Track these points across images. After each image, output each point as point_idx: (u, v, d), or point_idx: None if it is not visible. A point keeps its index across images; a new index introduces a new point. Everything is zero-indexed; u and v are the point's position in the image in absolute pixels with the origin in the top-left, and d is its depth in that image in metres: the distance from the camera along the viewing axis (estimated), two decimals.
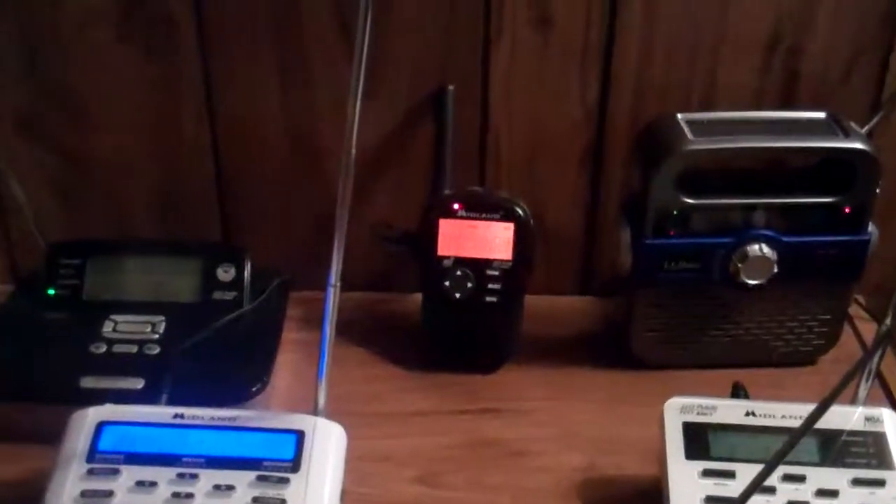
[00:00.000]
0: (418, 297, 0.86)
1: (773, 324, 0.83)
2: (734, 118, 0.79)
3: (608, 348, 0.86)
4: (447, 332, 0.84)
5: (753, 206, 0.78)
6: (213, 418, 0.69)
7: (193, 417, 0.69)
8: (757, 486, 0.56)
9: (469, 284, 0.82)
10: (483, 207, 0.81)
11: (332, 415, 0.77)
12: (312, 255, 0.92)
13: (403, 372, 0.85)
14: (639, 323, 0.83)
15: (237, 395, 0.76)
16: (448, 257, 0.82)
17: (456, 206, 0.82)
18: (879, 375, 0.81)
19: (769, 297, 0.81)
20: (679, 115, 0.78)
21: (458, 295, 0.82)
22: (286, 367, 0.82)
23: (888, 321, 0.67)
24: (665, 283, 0.80)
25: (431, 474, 0.75)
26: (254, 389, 0.76)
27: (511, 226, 0.81)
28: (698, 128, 0.77)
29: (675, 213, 0.77)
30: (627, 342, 0.84)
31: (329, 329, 0.68)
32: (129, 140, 0.88)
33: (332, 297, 0.67)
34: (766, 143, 0.77)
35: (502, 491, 0.74)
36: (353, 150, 0.65)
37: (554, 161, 0.89)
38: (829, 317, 0.83)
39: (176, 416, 0.69)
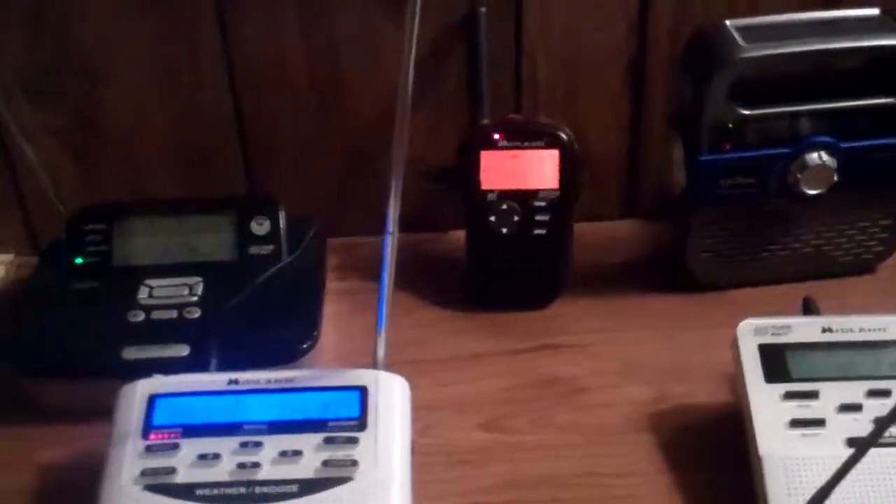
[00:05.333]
0: (460, 234, 0.83)
1: (832, 233, 0.80)
2: (783, 21, 0.75)
3: (661, 273, 0.83)
4: (495, 270, 0.81)
5: (809, 113, 0.74)
6: (269, 381, 0.66)
7: (249, 382, 0.66)
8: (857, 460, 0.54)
9: (515, 218, 0.78)
10: (525, 135, 0.77)
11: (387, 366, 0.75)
12: (343, 199, 0.89)
13: (454, 314, 0.81)
14: (696, 243, 0.79)
15: (288, 353, 0.72)
16: (492, 191, 0.78)
17: (496, 135, 0.78)
18: None
19: (829, 206, 0.77)
20: (728, 22, 0.74)
21: (504, 230, 0.78)
22: (332, 319, 0.78)
23: None
24: (722, 200, 0.76)
25: (495, 419, 0.71)
26: (304, 346, 0.73)
27: (556, 153, 0.77)
28: (749, 33, 0.73)
29: (730, 125, 0.74)
30: (684, 264, 0.80)
31: (388, 279, 0.64)
32: (142, 91, 0.83)
33: (391, 245, 0.63)
34: (822, 44, 0.72)
35: (571, 431, 0.71)
36: (410, 86, 0.59)
37: (594, 81, 0.85)
38: (889, 222, 0.80)
39: (230, 381, 0.66)
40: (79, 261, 0.79)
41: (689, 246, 0.79)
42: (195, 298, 0.76)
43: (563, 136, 0.77)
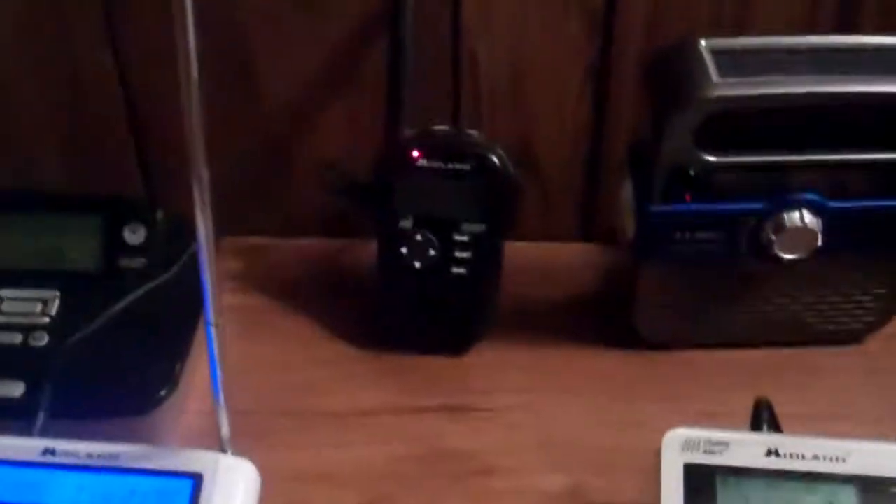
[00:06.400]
0: None
1: (811, 299, 0.66)
2: (776, 46, 0.59)
3: (608, 317, 0.70)
4: (405, 308, 0.68)
5: (793, 165, 0.60)
6: (90, 455, 0.55)
7: (66, 455, 0.55)
8: None
9: (432, 252, 0.65)
10: (450, 155, 0.64)
11: (258, 415, 0.64)
12: (253, 193, 0.77)
13: (354, 353, 0.69)
14: (643, 298, 0.66)
15: (139, 403, 0.61)
16: (406, 217, 0.66)
17: (415, 153, 0.65)
18: None
19: (810, 271, 0.63)
20: (703, 42, 0.59)
21: (418, 264, 0.66)
22: None
23: None
24: (677, 256, 0.63)
25: (378, 500, 0.60)
26: (161, 394, 0.61)
27: (484, 180, 0.64)
28: (727, 60, 0.58)
29: (691, 173, 0.60)
30: (630, 318, 0.68)
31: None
32: (18, 73, 0.71)
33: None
34: (820, 86, 0.57)
35: None
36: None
37: (548, 82, 0.70)
38: (883, 291, 0.66)
39: (46, 451, 0.55)
40: None
41: (636, 300, 0.66)
42: (46, 320, 0.64)
43: (496, 160, 0.63)
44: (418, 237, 0.65)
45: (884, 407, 0.65)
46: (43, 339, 0.63)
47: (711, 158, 0.59)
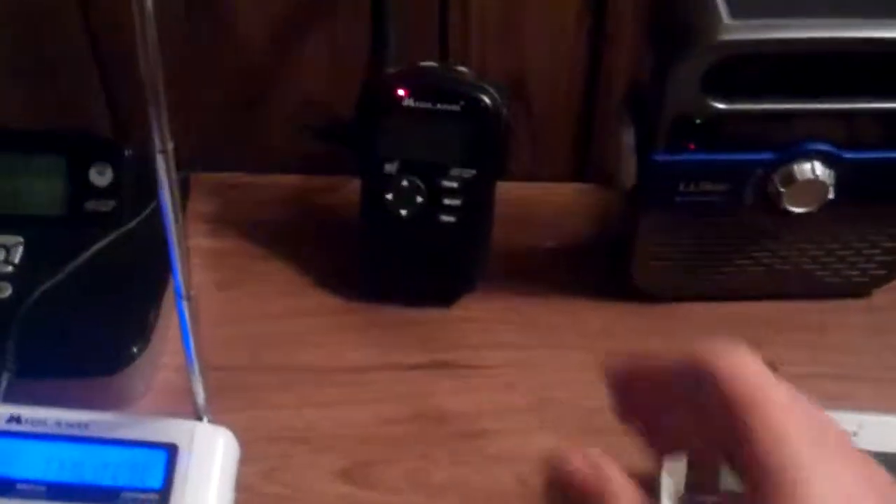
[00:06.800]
0: None
1: (819, 252, 0.63)
2: None
3: (605, 267, 0.67)
4: (390, 258, 0.64)
5: (807, 113, 0.56)
6: (59, 424, 0.52)
7: (34, 423, 0.52)
8: None
9: (419, 199, 0.62)
10: (438, 95, 0.60)
11: (234, 371, 0.61)
12: (227, 128, 0.72)
13: (339, 304, 0.65)
14: (642, 250, 0.63)
15: (109, 362, 0.57)
16: (391, 161, 0.61)
17: (401, 92, 0.60)
18: None
19: (819, 223, 0.60)
20: None
21: (403, 212, 0.62)
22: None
23: None
24: (680, 207, 0.59)
25: (361, 465, 0.57)
26: (133, 351, 0.58)
27: (475, 122, 0.60)
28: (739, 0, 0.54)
29: (697, 121, 0.56)
30: (627, 269, 0.64)
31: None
32: None
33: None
34: (840, 30, 0.53)
35: (450, 493, 0.56)
36: None
37: (542, 21, 0.66)
38: (892, 244, 0.63)
39: (11, 419, 0.52)
40: None
41: (635, 251, 0.63)
42: (10, 269, 0.60)
43: (487, 100, 0.59)
44: (404, 183, 0.61)
45: (890, 364, 0.63)
46: (6, 290, 0.59)
47: (720, 106, 0.55)
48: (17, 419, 0.52)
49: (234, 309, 0.65)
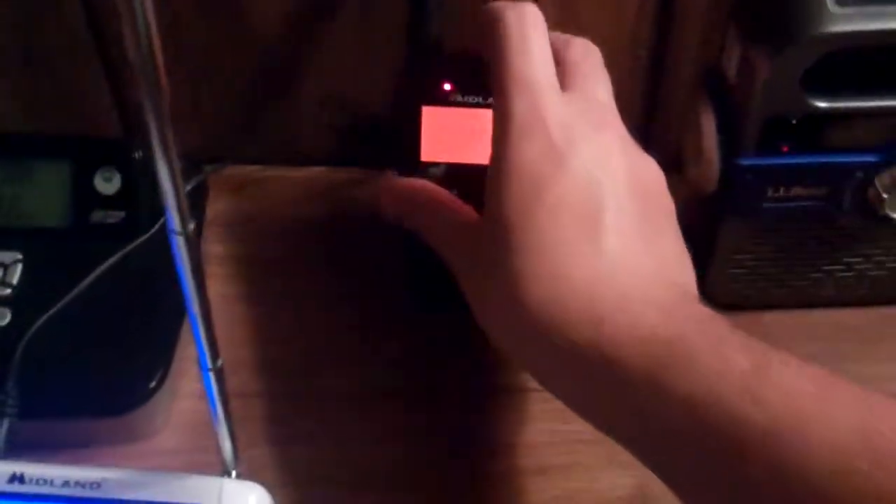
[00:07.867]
0: None
1: None
2: None
3: None
4: (437, 272, 0.58)
5: None
6: (66, 483, 0.45)
7: (38, 482, 0.45)
8: None
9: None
10: (488, 88, 0.53)
11: (261, 397, 0.54)
12: (248, 119, 0.65)
13: (379, 319, 0.58)
14: (721, 258, 0.56)
15: (124, 398, 0.51)
16: (435, 164, 0.54)
17: (447, 86, 0.53)
18: None
19: None
20: None
21: None
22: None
23: None
24: (768, 214, 0.52)
25: None
26: (151, 385, 0.51)
27: None
28: None
29: (793, 121, 0.49)
30: (702, 279, 0.57)
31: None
32: None
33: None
34: None
35: None
36: None
37: None
38: None
39: (13, 478, 0.46)
40: None
41: (712, 259, 0.56)
42: (8, 291, 0.54)
43: None
44: (451, 187, 0.54)
45: None
46: (5, 318, 0.53)
47: (821, 104, 0.48)
48: (21, 478, 0.45)
49: (254, 326, 0.58)
